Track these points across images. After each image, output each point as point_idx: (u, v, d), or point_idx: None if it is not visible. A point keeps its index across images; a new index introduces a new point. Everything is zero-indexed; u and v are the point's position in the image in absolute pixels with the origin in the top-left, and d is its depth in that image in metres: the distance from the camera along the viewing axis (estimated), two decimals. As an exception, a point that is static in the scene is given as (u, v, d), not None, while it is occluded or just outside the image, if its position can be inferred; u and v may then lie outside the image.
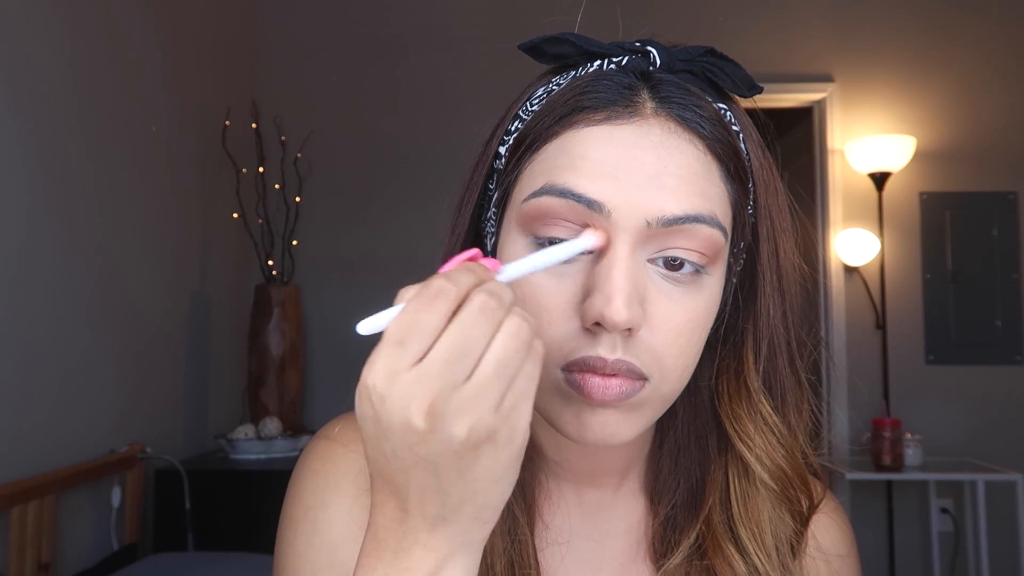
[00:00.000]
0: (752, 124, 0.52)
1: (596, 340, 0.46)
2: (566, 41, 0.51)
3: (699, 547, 0.55)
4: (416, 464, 0.37)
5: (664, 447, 0.59)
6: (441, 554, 0.38)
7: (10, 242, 1.62)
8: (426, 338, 0.36)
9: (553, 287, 0.47)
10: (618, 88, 0.48)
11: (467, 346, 0.36)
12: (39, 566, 1.61)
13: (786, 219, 0.54)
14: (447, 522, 0.38)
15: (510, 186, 0.51)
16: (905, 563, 2.95)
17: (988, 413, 2.94)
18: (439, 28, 3.09)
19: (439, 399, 0.35)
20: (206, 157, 2.56)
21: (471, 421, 0.35)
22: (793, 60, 3.10)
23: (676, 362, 0.48)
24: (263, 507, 2.09)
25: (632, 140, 0.47)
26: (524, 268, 0.43)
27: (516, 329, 0.37)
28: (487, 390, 0.36)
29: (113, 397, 2.00)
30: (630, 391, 0.46)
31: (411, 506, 0.38)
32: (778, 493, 0.55)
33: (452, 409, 0.35)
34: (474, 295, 0.37)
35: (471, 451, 0.36)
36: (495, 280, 0.39)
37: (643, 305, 0.46)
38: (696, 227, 0.46)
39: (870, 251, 2.95)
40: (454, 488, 0.37)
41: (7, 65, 1.62)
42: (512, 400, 0.37)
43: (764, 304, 0.53)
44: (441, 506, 0.38)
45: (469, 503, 0.38)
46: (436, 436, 0.35)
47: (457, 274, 0.38)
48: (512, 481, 0.39)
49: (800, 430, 0.56)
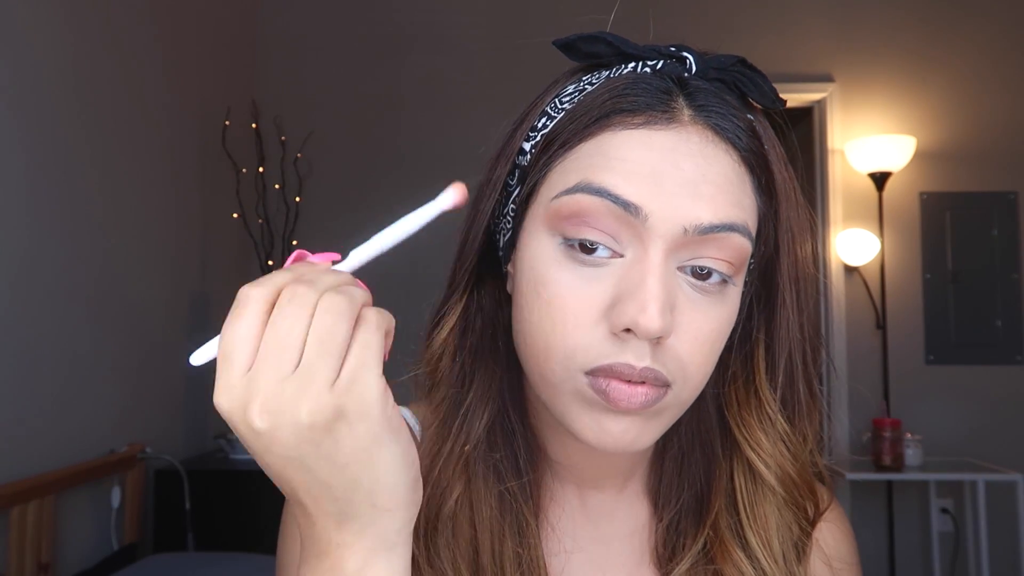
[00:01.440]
0: (776, 138, 0.52)
1: (625, 347, 0.45)
2: (603, 40, 0.50)
3: (706, 552, 0.55)
4: (284, 464, 0.37)
5: (667, 450, 0.58)
6: (360, 550, 0.39)
7: (11, 242, 1.62)
8: (245, 345, 0.36)
9: (580, 290, 0.46)
10: (656, 92, 0.48)
11: (283, 338, 0.36)
12: (39, 566, 1.61)
13: (806, 233, 0.54)
14: (347, 516, 0.38)
15: (537, 183, 0.50)
16: (905, 563, 2.95)
17: (988, 413, 2.94)
18: (439, 28, 3.09)
19: (269, 396, 0.35)
20: (206, 157, 2.56)
21: (308, 405, 0.35)
22: (793, 60, 3.10)
23: (698, 370, 0.48)
24: (263, 507, 2.10)
25: (671, 146, 0.46)
26: (371, 250, 0.42)
27: (330, 304, 0.36)
28: (315, 370, 0.36)
29: (113, 397, 2.00)
30: (655, 398, 0.46)
31: (309, 508, 0.38)
32: (785, 499, 0.55)
33: (287, 399, 0.35)
34: (284, 290, 0.37)
35: (325, 434, 0.36)
36: (314, 271, 0.39)
37: (672, 313, 0.46)
38: (729, 236, 0.46)
39: (870, 251, 2.95)
40: (332, 478, 0.37)
41: (8, 65, 1.62)
42: (349, 373, 0.36)
43: (783, 316, 0.53)
44: (333, 500, 0.38)
45: (356, 490, 0.38)
46: (282, 431, 0.36)
47: (266, 278, 0.38)
48: (396, 459, 0.38)
49: (810, 438, 0.56)
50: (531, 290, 0.48)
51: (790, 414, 0.55)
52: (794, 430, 0.55)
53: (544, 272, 0.48)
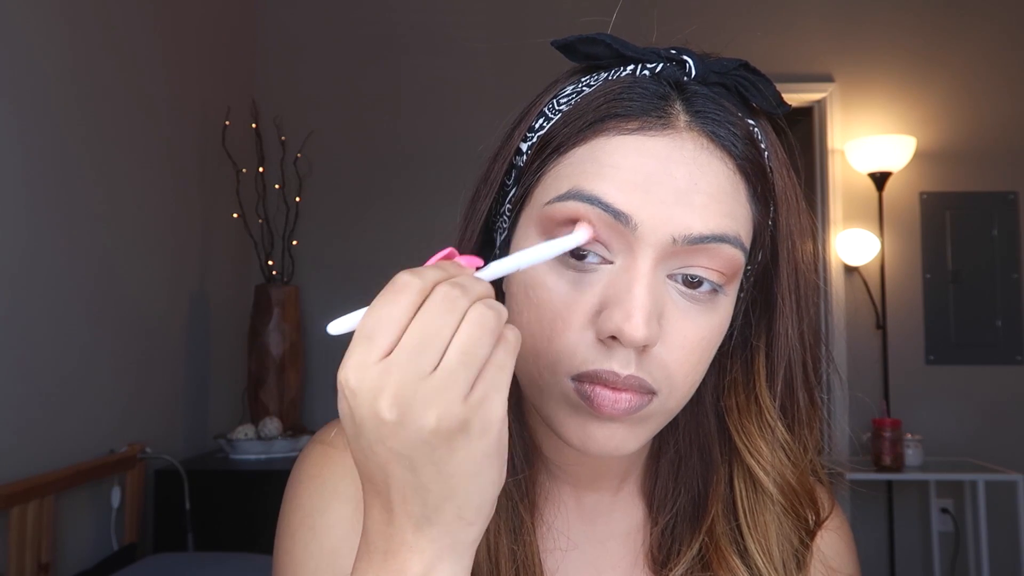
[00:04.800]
0: (778, 142, 0.52)
1: (610, 353, 0.45)
2: (601, 42, 0.50)
3: (702, 557, 0.55)
4: (392, 459, 0.37)
5: (663, 454, 0.58)
6: (428, 556, 0.38)
7: (10, 242, 1.62)
8: (391, 331, 0.36)
9: (569, 295, 0.46)
10: (652, 97, 0.47)
11: (430, 336, 0.36)
12: (39, 566, 1.61)
13: (808, 240, 0.53)
14: (431, 522, 0.38)
15: (531, 185, 0.50)
16: (905, 563, 2.95)
17: (988, 413, 2.94)
18: (439, 28, 3.09)
19: (406, 389, 0.35)
20: (206, 157, 2.56)
21: (439, 411, 0.35)
22: (793, 60, 3.10)
23: (685, 379, 0.48)
24: (263, 507, 2.10)
25: (664, 154, 0.46)
26: (509, 265, 0.43)
27: (480, 317, 0.36)
28: (454, 379, 0.36)
29: (113, 397, 2.00)
30: (639, 405, 0.46)
31: (395, 506, 0.38)
32: (785, 507, 0.55)
33: (420, 399, 0.35)
34: (438, 288, 0.37)
35: (444, 442, 0.36)
36: (465, 274, 0.39)
37: (659, 321, 0.46)
38: (720, 247, 0.46)
39: (870, 251, 2.95)
40: (433, 483, 0.37)
41: (8, 65, 1.62)
42: (482, 390, 0.36)
43: (783, 325, 0.53)
44: (423, 504, 0.38)
45: (450, 500, 0.38)
46: (406, 428, 0.35)
47: (424, 270, 0.38)
48: (493, 479, 0.39)
49: (811, 446, 0.56)
50: (522, 292, 0.49)
51: (790, 422, 0.55)
52: (794, 438, 0.55)
53: (535, 275, 0.48)
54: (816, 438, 0.56)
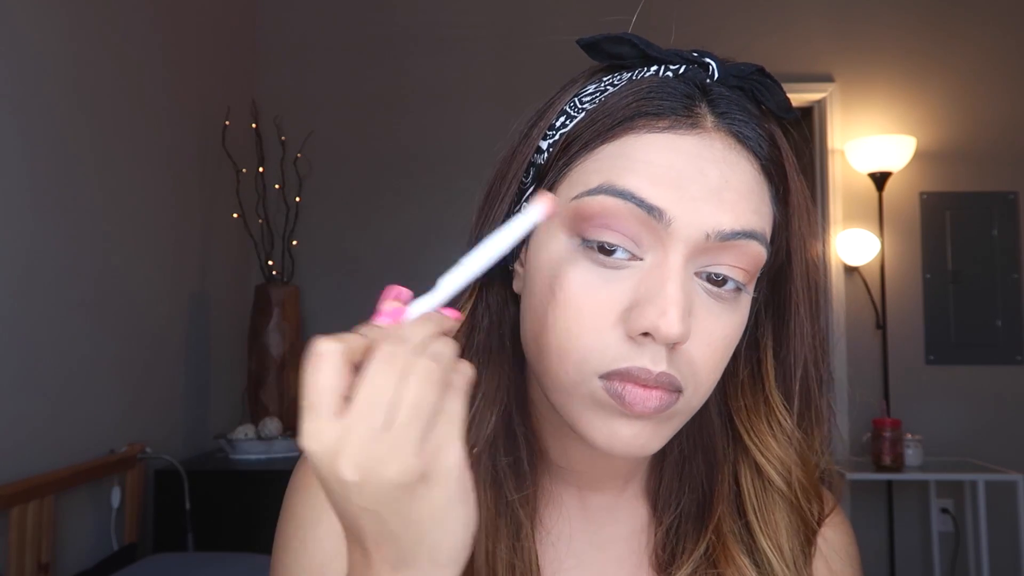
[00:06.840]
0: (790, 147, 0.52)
1: (641, 350, 0.45)
2: (628, 42, 0.50)
3: (708, 556, 0.55)
4: (359, 513, 0.38)
5: (667, 454, 0.58)
6: None
7: (11, 242, 1.62)
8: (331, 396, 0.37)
9: (599, 291, 0.46)
10: (680, 97, 0.48)
11: (378, 396, 0.36)
12: (39, 566, 1.61)
13: (818, 243, 0.54)
14: (407, 565, 0.39)
15: (554, 183, 0.50)
16: (905, 563, 2.95)
17: (988, 413, 2.94)
18: (440, 28, 3.09)
19: (363, 450, 0.36)
20: (206, 157, 2.56)
21: (397, 466, 0.36)
22: (793, 60, 3.10)
23: (709, 376, 0.48)
24: (263, 507, 2.09)
25: (696, 152, 0.46)
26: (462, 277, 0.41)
27: (426, 372, 0.37)
28: (406, 435, 0.36)
29: (113, 397, 2.00)
30: (668, 403, 0.46)
31: (371, 551, 0.39)
32: (793, 503, 0.55)
33: (376, 458, 0.36)
34: (379, 347, 0.38)
35: (406, 493, 0.37)
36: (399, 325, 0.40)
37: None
38: (748, 244, 0.46)
39: (870, 251, 2.95)
40: (402, 531, 0.38)
41: (8, 65, 1.62)
42: (435, 441, 0.37)
43: (796, 326, 0.54)
44: (397, 549, 0.39)
45: (420, 544, 0.39)
46: (368, 484, 0.37)
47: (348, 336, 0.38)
48: (461, 521, 0.39)
49: (819, 444, 0.56)
50: (546, 290, 0.48)
51: (808, 423, 0.55)
52: (808, 437, 0.55)
53: (560, 272, 0.47)
54: (824, 434, 0.56)
